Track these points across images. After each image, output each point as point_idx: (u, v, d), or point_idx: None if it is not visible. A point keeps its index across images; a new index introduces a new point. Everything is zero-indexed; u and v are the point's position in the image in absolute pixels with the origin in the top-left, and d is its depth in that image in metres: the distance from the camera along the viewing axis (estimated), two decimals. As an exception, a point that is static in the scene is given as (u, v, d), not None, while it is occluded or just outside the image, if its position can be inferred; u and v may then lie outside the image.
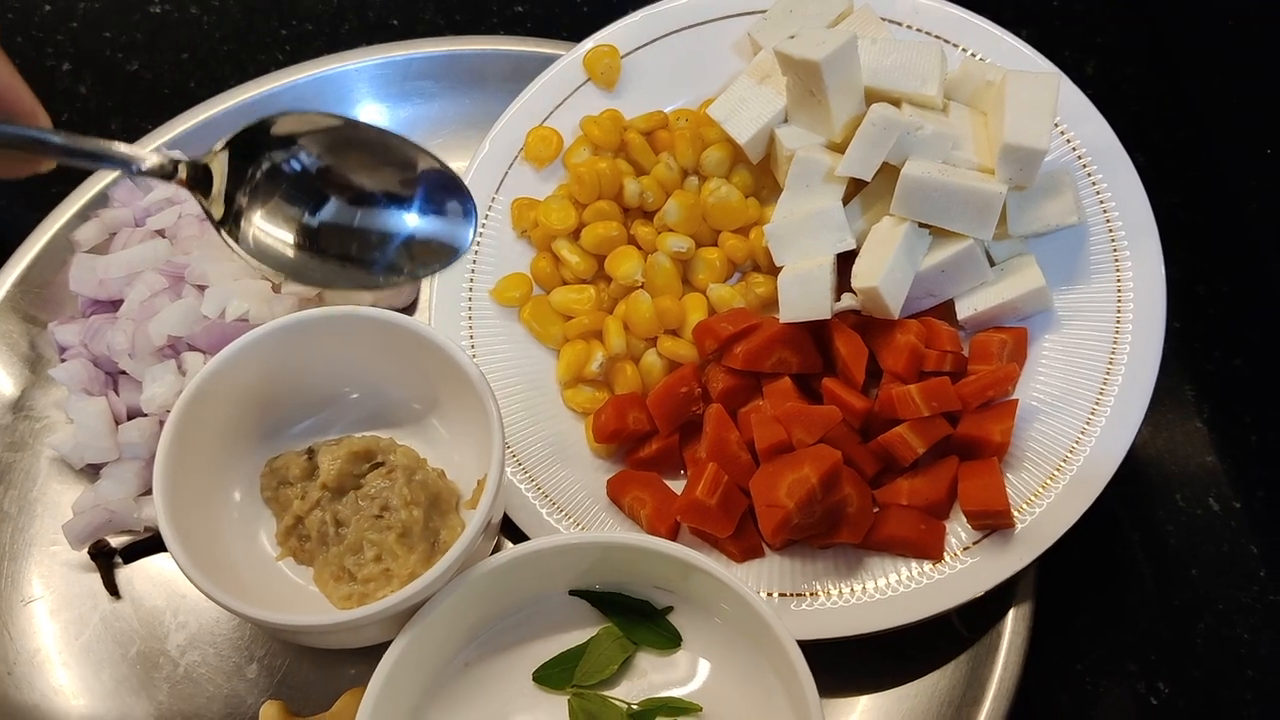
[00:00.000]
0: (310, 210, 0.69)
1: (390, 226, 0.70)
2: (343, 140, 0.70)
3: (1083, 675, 0.80)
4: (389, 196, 0.70)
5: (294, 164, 0.69)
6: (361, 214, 0.70)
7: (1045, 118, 0.77)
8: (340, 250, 0.70)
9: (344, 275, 0.70)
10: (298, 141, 0.69)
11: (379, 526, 0.76)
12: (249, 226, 0.68)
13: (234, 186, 0.68)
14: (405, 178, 0.70)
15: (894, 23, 0.88)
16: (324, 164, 0.70)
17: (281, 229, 0.69)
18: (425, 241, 0.70)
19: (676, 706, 0.71)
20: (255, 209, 0.68)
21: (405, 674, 0.70)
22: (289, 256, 0.69)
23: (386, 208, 0.70)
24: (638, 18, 0.92)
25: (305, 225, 0.69)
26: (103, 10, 1.09)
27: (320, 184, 0.70)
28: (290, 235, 0.69)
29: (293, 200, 0.69)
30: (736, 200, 0.85)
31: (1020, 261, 0.81)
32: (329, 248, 0.70)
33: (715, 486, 0.75)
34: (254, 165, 0.69)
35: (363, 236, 0.70)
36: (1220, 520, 0.85)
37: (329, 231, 0.70)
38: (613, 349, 0.84)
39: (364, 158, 0.70)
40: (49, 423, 0.85)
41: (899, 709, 0.76)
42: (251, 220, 0.68)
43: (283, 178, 0.69)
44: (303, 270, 0.69)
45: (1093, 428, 0.77)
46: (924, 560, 0.76)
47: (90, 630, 0.79)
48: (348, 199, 0.70)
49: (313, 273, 0.70)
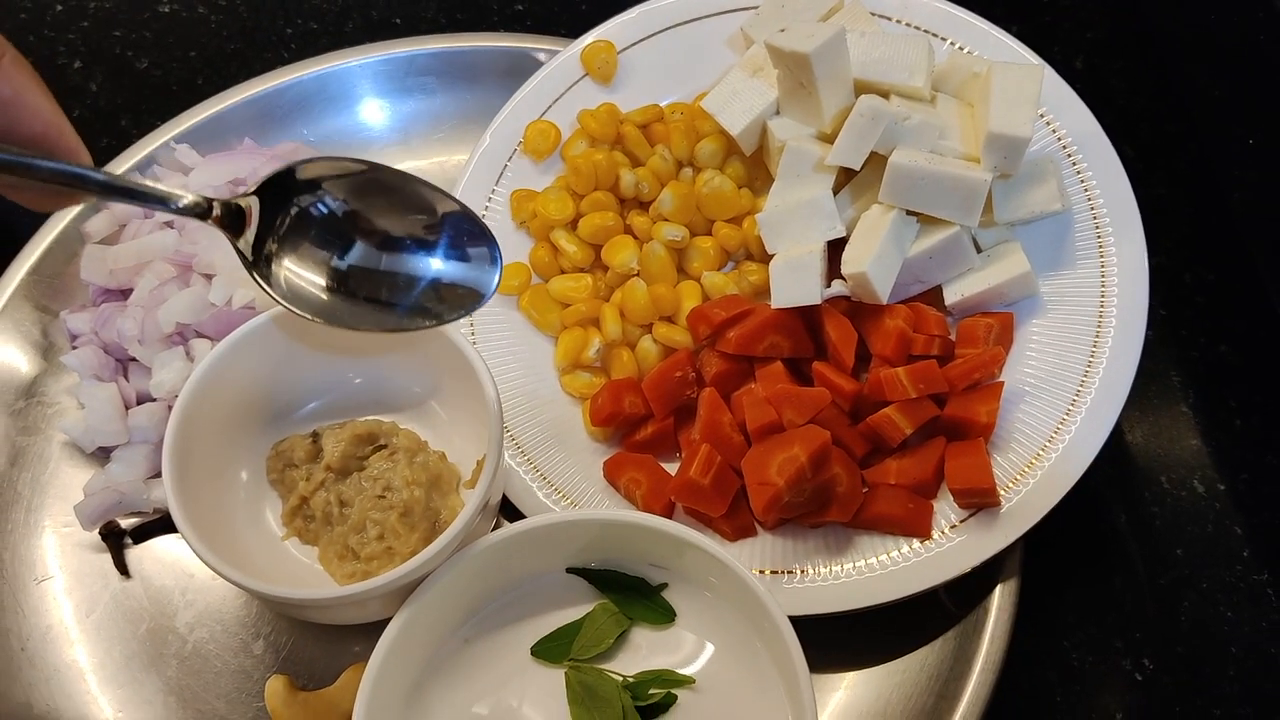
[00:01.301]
0: (339, 254, 0.71)
1: (417, 270, 0.72)
2: (369, 184, 0.72)
3: (1069, 652, 0.82)
4: (415, 240, 0.72)
5: (322, 208, 0.71)
6: (388, 258, 0.72)
7: (1029, 107, 0.79)
8: (369, 293, 0.72)
9: (373, 318, 0.72)
10: (324, 185, 0.71)
11: (381, 506, 0.78)
12: (280, 270, 0.71)
13: (265, 230, 0.70)
14: (430, 222, 0.72)
15: (883, 17, 0.90)
16: (351, 208, 0.72)
17: (312, 272, 0.71)
18: (451, 286, 0.72)
19: (670, 679, 0.73)
20: (286, 253, 0.71)
21: (406, 649, 0.72)
22: (320, 299, 0.71)
23: (413, 251, 0.72)
24: (634, 14, 0.94)
25: (334, 269, 0.71)
26: (113, 9, 1.12)
27: (348, 228, 0.72)
28: (320, 278, 0.71)
29: (322, 244, 0.71)
30: (730, 190, 0.87)
31: (1006, 248, 0.82)
32: (358, 290, 0.72)
33: (709, 467, 0.77)
34: (284, 210, 0.71)
35: (390, 280, 0.72)
36: (1205, 502, 0.87)
37: (358, 275, 0.72)
38: (609, 335, 0.86)
39: (390, 201, 0.72)
40: (61, 408, 0.88)
41: (888, 682, 0.77)
42: (283, 263, 0.71)
43: (312, 222, 0.71)
44: (333, 313, 0.71)
45: (1077, 410, 0.79)
46: (912, 538, 0.77)
47: (101, 608, 0.81)
48: (375, 243, 0.72)
49: (343, 315, 0.71)
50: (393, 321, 0.72)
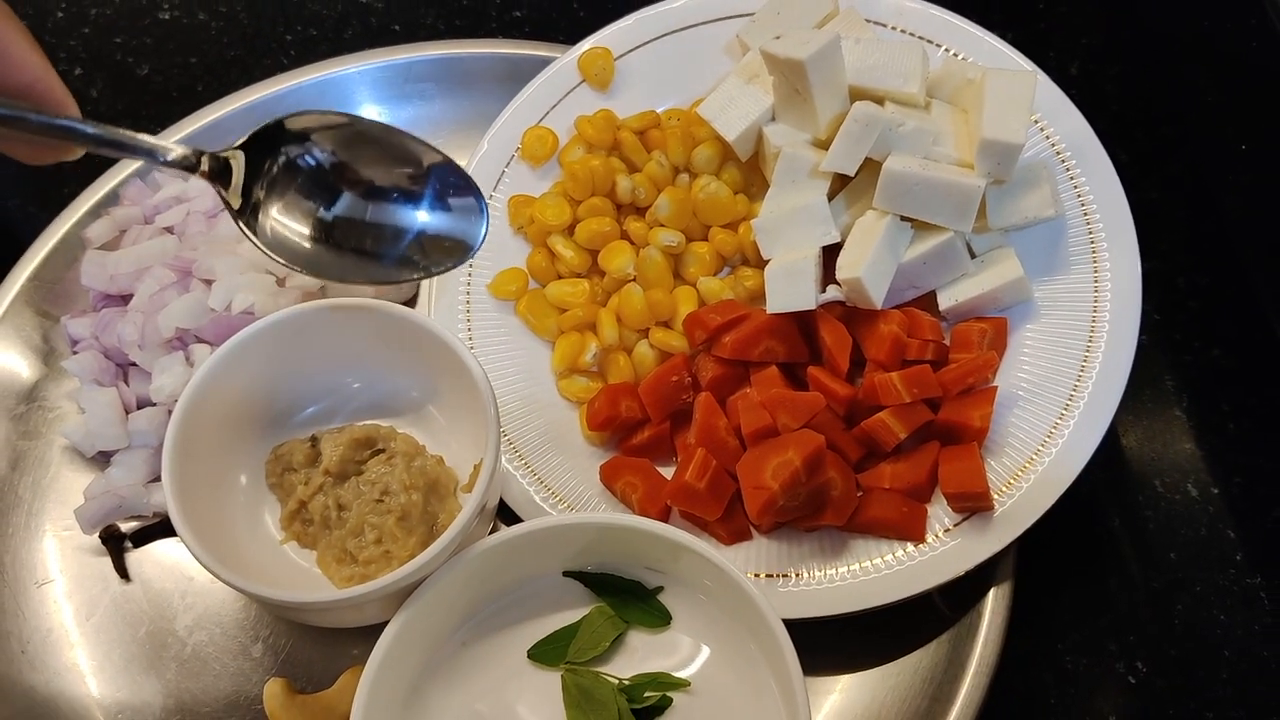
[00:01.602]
0: (325, 204, 0.72)
1: (403, 221, 0.73)
2: (355, 136, 0.73)
3: (1063, 654, 0.83)
4: (401, 192, 0.73)
5: (309, 159, 0.72)
6: (374, 208, 0.73)
7: (1022, 113, 0.80)
8: (354, 244, 0.72)
9: (358, 269, 0.73)
10: (312, 138, 0.72)
11: (379, 510, 0.78)
12: (266, 219, 0.71)
13: (251, 180, 0.71)
14: (415, 173, 0.73)
15: (878, 24, 0.91)
16: (338, 159, 0.72)
17: (298, 222, 0.72)
18: (437, 238, 0.73)
19: (665, 682, 0.74)
20: (272, 202, 0.71)
21: (403, 651, 0.73)
22: (305, 249, 0.72)
23: (398, 203, 0.73)
24: (631, 21, 0.95)
25: (320, 219, 0.72)
26: (114, 16, 1.12)
27: (334, 179, 0.72)
28: (306, 228, 0.72)
29: (308, 194, 0.72)
30: (726, 196, 0.88)
31: (1000, 253, 0.83)
32: (344, 241, 0.72)
33: (704, 471, 0.78)
34: (271, 160, 0.71)
35: (376, 231, 0.73)
36: (1199, 505, 0.88)
37: (343, 225, 0.72)
38: (606, 340, 0.86)
39: (376, 154, 0.73)
40: (61, 412, 0.88)
41: (883, 685, 0.78)
42: (269, 213, 0.71)
43: (299, 172, 0.72)
44: (318, 263, 0.72)
45: (1070, 414, 0.79)
46: (906, 542, 0.78)
47: (101, 611, 0.82)
48: (361, 193, 0.73)
49: (328, 266, 0.72)
50: (379, 273, 0.73)
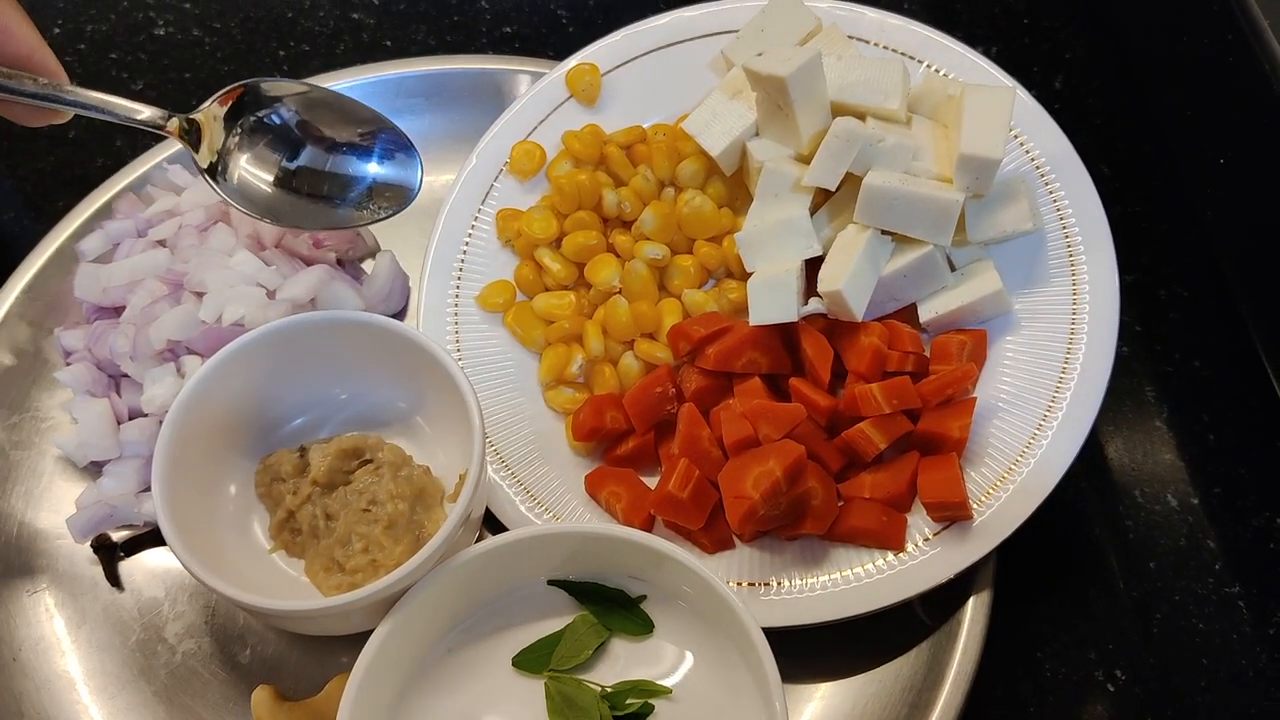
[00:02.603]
0: (288, 156, 0.84)
1: (355, 170, 0.85)
2: (314, 101, 0.86)
3: (1042, 662, 0.83)
4: (354, 147, 0.86)
5: (275, 118, 0.85)
6: (332, 159, 0.85)
7: (1000, 129, 0.81)
8: (313, 190, 0.84)
9: (315, 213, 0.84)
10: (277, 101, 0.85)
11: (367, 519, 0.79)
12: (235, 170, 0.83)
13: (221, 139, 0.83)
14: (365, 132, 0.86)
15: (861, 40, 0.92)
16: (301, 118, 0.85)
17: (263, 171, 0.84)
18: (384, 185, 0.85)
19: (647, 689, 0.74)
20: (241, 155, 0.83)
21: (389, 658, 0.74)
22: (267, 194, 0.83)
23: (352, 155, 0.86)
24: (618, 37, 0.96)
25: (284, 169, 0.84)
26: (109, 33, 1.14)
27: (298, 134, 0.85)
28: (270, 176, 0.84)
29: (274, 148, 0.84)
30: (710, 210, 0.89)
31: (979, 266, 0.84)
32: (303, 188, 0.84)
33: (687, 481, 0.79)
34: (240, 120, 0.84)
35: (333, 179, 0.85)
36: (1178, 515, 0.89)
37: (305, 174, 0.85)
38: (592, 352, 0.87)
39: (332, 115, 0.86)
40: (54, 423, 0.89)
41: (863, 693, 0.79)
42: (238, 165, 0.83)
43: (266, 130, 0.84)
44: (279, 209, 0.83)
45: (1049, 425, 0.80)
46: (886, 551, 0.79)
47: (92, 619, 0.83)
48: (322, 148, 0.85)
49: (288, 212, 0.84)
50: (335, 218, 0.84)
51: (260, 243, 0.90)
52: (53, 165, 1.07)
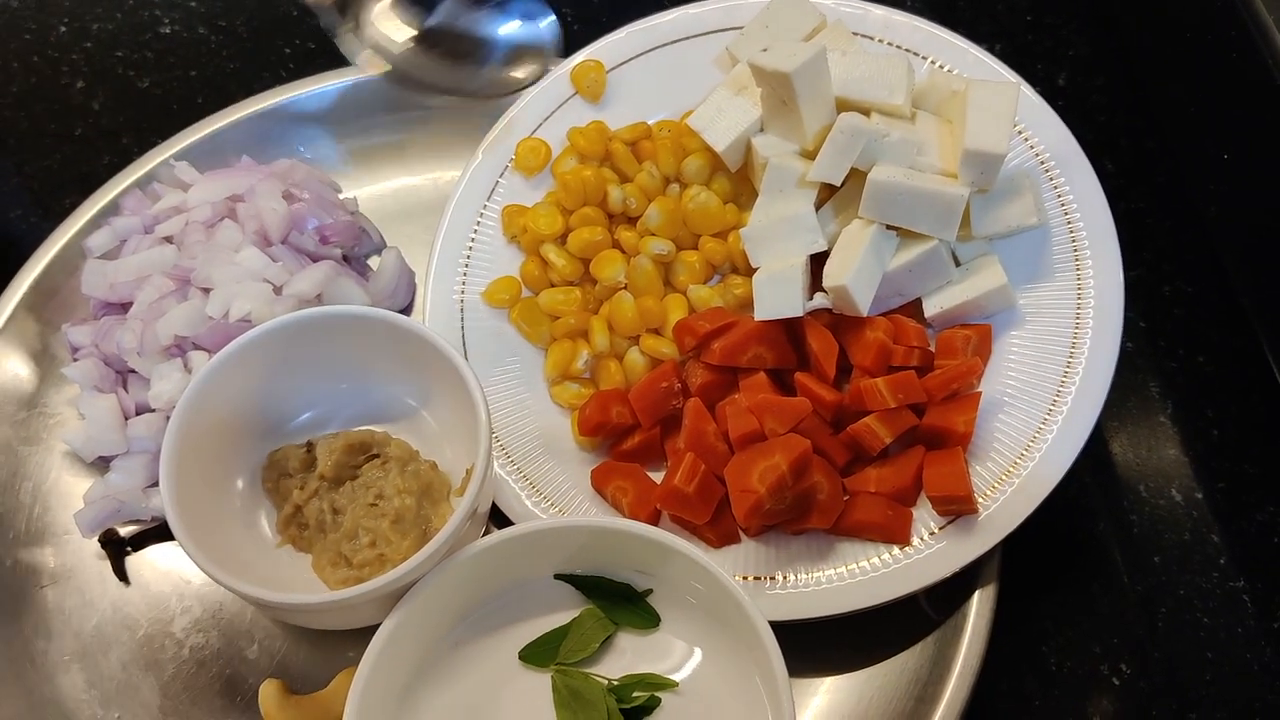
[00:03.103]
0: (425, 14, 0.82)
1: (490, 32, 0.84)
2: None
3: (1048, 656, 0.84)
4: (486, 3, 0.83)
5: None
6: (466, 19, 0.84)
7: (1005, 124, 0.81)
8: (448, 49, 0.83)
9: (449, 75, 0.83)
10: None
11: (374, 514, 0.79)
12: (365, 23, 0.81)
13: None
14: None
15: (865, 36, 0.93)
16: None
17: (404, 24, 0.82)
18: (520, 48, 0.84)
19: (654, 682, 0.75)
20: (373, 4, 0.81)
21: (396, 652, 0.74)
22: (402, 50, 0.81)
23: (487, 14, 0.83)
24: (622, 34, 0.96)
25: (422, 28, 0.82)
26: (115, 31, 1.14)
27: None
28: (412, 30, 0.82)
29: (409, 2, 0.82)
30: (715, 206, 0.89)
31: (984, 261, 0.84)
32: (438, 45, 0.82)
33: (693, 475, 0.79)
34: None
35: (469, 40, 0.83)
36: (1183, 510, 0.89)
37: (438, 33, 0.82)
38: (597, 347, 0.88)
39: None
40: (62, 419, 0.90)
41: (868, 686, 0.79)
42: (368, 16, 0.80)
43: None
44: (412, 65, 0.82)
45: (1053, 419, 0.80)
46: (892, 545, 0.79)
47: (100, 614, 0.83)
48: (459, 4, 0.82)
49: (418, 69, 0.82)
50: (466, 81, 0.84)
51: (267, 239, 0.90)
52: (59, 163, 1.07)
